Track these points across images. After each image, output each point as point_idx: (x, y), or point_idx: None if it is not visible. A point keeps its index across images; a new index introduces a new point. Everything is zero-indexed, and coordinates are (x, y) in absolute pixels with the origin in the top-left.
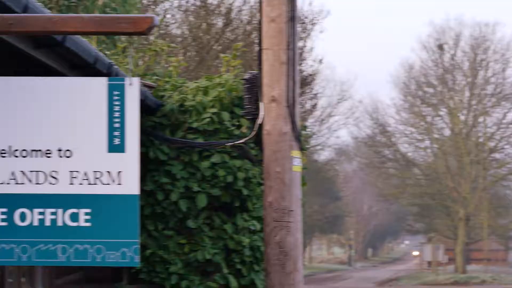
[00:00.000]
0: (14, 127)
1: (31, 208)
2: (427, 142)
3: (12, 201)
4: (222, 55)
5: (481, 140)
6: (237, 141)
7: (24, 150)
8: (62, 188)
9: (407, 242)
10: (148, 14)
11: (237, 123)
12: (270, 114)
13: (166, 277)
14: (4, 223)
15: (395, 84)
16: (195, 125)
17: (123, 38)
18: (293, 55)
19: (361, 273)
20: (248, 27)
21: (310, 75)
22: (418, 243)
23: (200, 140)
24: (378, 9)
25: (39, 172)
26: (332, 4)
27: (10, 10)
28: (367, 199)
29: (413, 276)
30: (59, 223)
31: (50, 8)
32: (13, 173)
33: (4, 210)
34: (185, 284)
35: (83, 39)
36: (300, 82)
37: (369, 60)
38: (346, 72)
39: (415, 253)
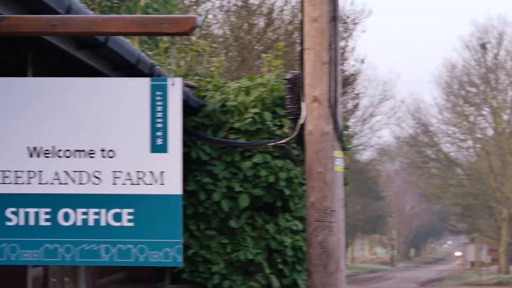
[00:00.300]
0: (57, 127)
1: (74, 208)
2: (470, 142)
3: (56, 201)
4: (263, 55)
5: None
6: (279, 141)
7: (67, 150)
8: (105, 188)
9: (449, 242)
10: (191, 15)
11: (279, 123)
12: (312, 114)
13: (208, 277)
14: (48, 223)
15: (438, 84)
16: (237, 125)
17: (165, 38)
18: (335, 55)
19: (403, 273)
20: (290, 27)
21: (352, 75)
22: (461, 244)
23: (242, 140)
24: (418, 8)
25: (82, 172)
26: (374, 3)
27: (53, 11)
28: (410, 199)
29: (456, 277)
30: (102, 223)
31: (92, 9)
32: (56, 173)
33: (48, 210)
34: (227, 284)
35: (125, 40)
36: (342, 82)
37: (411, 59)
38: (388, 72)
39: (458, 253)
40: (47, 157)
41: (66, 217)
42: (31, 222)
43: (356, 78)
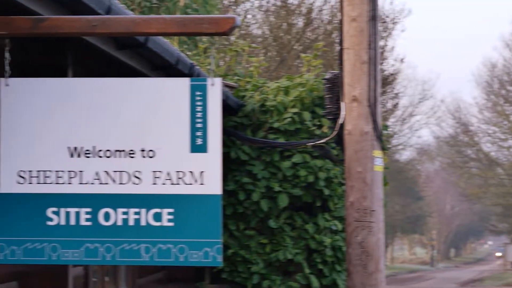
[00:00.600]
0: (97, 127)
1: (115, 208)
2: (511, 141)
3: (96, 201)
4: (303, 55)
5: None
6: (318, 141)
7: (108, 150)
8: (145, 188)
9: (490, 242)
10: (230, 15)
11: (318, 123)
12: (351, 113)
13: (247, 276)
14: (88, 223)
15: (478, 83)
16: (276, 125)
17: (204, 38)
18: (374, 55)
19: (443, 273)
20: (329, 27)
21: (391, 74)
22: (502, 244)
23: (281, 140)
24: (458, 4)
25: (123, 172)
26: (413, 2)
27: (93, 12)
28: (450, 199)
29: (497, 277)
30: (143, 223)
31: (132, 10)
32: (97, 173)
33: (89, 210)
34: (266, 284)
35: (165, 40)
36: (381, 82)
37: (451, 56)
38: (428, 71)
39: (498, 254)
40: (88, 157)
41: (107, 217)
42: (72, 222)
43: (396, 77)
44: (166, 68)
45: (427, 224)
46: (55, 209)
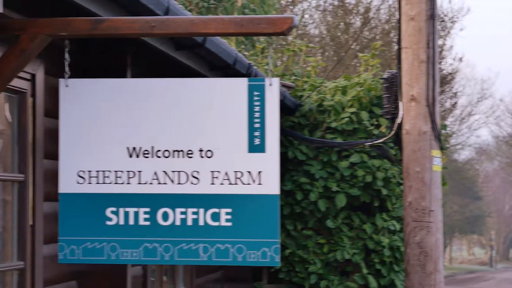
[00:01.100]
0: (156, 128)
1: (173, 208)
2: None
3: (155, 201)
4: (360, 54)
5: None
6: (376, 140)
7: (166, 150)
8: (204, 188)
9: None
10: (288, 15)
11: (376, 123)
12: (409, 113)
13: (305, 276)
14: (147, 223)
15: None
16: (333, 125)
17: (261, 39)
18: (432, 54)
19: (502, 274)
20: (387, 26)
21: (450, 73)
22: None
23: (339, 140)
24: None
25: (181, 172)
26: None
27: (152, 13)
28: (509, 199)
29: None
30: (201, 222)
31: (189, 10)
32: (155, 173)
33: (147, 209)
34: (324, 284)
35: (222, 40)
36: (440, 81)
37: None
38: (487, 70)
39: None
40: (146, 157)
41: (165, 216)
42: (131, 221)
43: (454, 76)
44: (224, 68)
45: (486, 225)
46: (114, 209)
